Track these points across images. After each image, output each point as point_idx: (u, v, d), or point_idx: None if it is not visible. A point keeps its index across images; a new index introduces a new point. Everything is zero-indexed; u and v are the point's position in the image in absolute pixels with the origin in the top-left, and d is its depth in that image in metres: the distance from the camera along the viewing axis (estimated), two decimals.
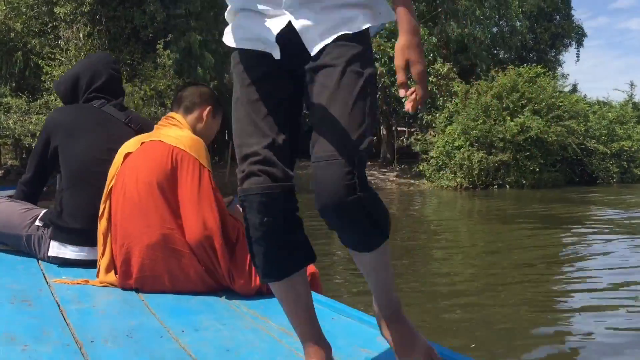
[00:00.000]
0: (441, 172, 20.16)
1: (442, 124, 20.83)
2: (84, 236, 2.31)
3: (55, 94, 13.78)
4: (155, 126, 2.31)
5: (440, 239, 8.48)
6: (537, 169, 19.00)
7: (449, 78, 21.71)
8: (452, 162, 19.69)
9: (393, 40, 21.58)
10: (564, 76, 29.92)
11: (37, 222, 2.41)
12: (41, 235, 2.39)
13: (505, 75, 20.24)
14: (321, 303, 1.94)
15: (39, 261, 2.40)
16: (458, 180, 19.57)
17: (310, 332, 1.33)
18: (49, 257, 2.37)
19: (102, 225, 2.13)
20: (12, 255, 2.46)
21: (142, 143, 2.14)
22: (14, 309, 1.68)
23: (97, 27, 16.87)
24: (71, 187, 2.38)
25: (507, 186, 19.02)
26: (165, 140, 2.09)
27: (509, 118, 19.14)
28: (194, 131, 2.22)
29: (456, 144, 19.63)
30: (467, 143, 19.45)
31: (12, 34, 17.93)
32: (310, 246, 1.28)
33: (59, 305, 1.74)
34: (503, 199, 15.22)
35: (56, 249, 2.35)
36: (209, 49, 17.40)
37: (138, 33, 17.16)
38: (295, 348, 1.49)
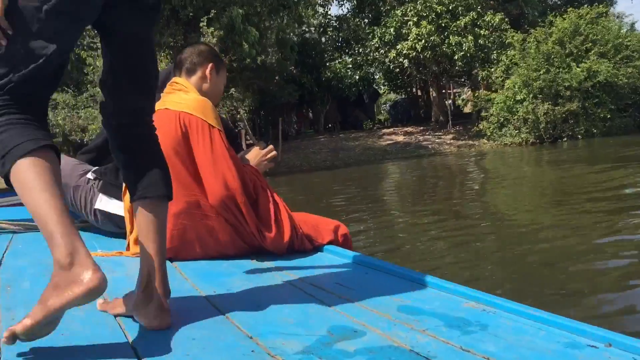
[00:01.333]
0: (503, 130, 19.27)
1: (500, 79, 19.82)
2: None
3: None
4: (162, 94, 2.26)
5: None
6: (608, 116, 17.82)
7: (502, 29, 20.57)
8: (515, 117, 18.81)
9: None
10: (619, 16, 27.99)
11: (89, 175, 2.48)
12: (90, 188, 2.46)
13: (564, 19, 18.97)
14: (355, 260, 1.99)
15: None
16: (523, 136, 18.74)
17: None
18: (94, 210, 2.43)
19: (126, 201, 2.15)
20: None
21: None
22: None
23: None
24: None
25: (580, 137, 17.95)
26: (170, 107, 2.08)
27: (574, 64, 18.08)
28: (201, 92, 2.20)
29: (518, 97, 18.75)
30: (530, 95, 18.57)
31: None
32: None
33: None
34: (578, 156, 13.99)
35: (104, 202, 2.42)
36: (252, 22, 16.97)
37: (177, 14, 17.01)
38: (328, 301, 1.53)
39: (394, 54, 21.42)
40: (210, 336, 1.25)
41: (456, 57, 20.43)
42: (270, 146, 2.39)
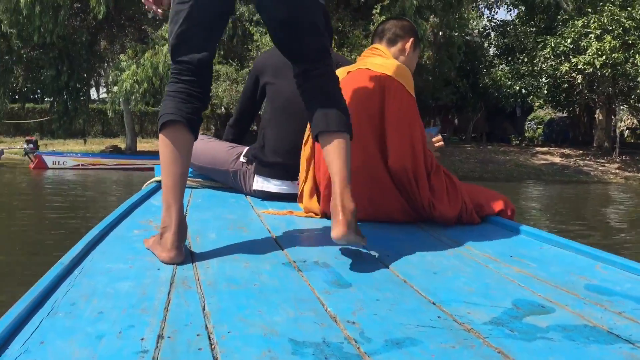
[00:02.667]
0: None
1: None
2: (285, 170, 2.52)
3: None
4: (358, 58, 2.39)
5: None
6: None
7: None
8: None
9: (629, 9, 19.00)
10: None
11: (242, 159, 2.65)
12: (246, 170, 2.63)
13: None
14: (527, 233, 1.96)
15: (246, 196, 2.67)
16: None
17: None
18: (254, 190, 2.61)
19: (305, 151, 2.28)
20: (223, 192, 2.77)
21: (349, 72, 2.22)
22: (232, 234, 1.89)
23: None
24: (273, 124, 2.58)
25: None
26: (372, 68, 2.16)
27: None
28: None
29: None
30: None
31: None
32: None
33: (270, 232, 1.94)
34: None
35: (260, 183, 2.58)
36: (423, 16, 16.85)
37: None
38: (506, 273, 1.53)
39: (567, 67, 20.13)
40: (394, 299, 1.30)
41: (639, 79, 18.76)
42: (439, 136, 2.43)
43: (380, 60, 2.22)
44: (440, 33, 19.07)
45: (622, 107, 23.48)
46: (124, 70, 18.64)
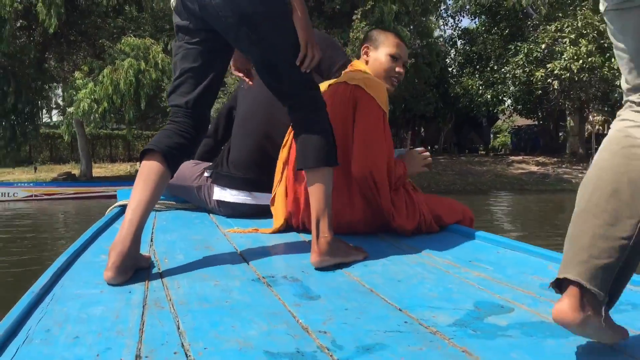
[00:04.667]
0: None
1: None
2: (242, 182, 2.68)
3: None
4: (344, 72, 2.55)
5: None
6: None
7: None
8: None
9: (600, 14, 19.64)
10: None
11: (205, 173, 2.79)
12: (210, 185, 2.77)
13: None
14: (484, 239, 2.15)
15: (210, 215, 2.79)
16: None
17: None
18: (215, 201, 2.75)
19: (283, 153, 2.44)
20: (188, 212, 2.89)
21: (329, 85, 2.39)
22: (199, 254, 1.97)
23: None
24: (233, 139, 2.76)
25: None
26: (348, 81, 2.33)
27: None
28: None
29: None
30: None
31: None
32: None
33: (236, 249, 2.03)
34: None
35: (218, 192, 2.72)
36: (401, 22, 16.99)
37: (322, 6, 17.22)
38: (466, 277, 1.66)
39: (542, 74, 20.54)
40: (361, 307, 1.39)
41: (618, 82, 19.30)
42: (428, 152, 2.59)
43: (357, 74, 2.39)
44: (418, 41, 19.24)
45: (593, 113, 24.10)
46: (79, 89, 17.66)
